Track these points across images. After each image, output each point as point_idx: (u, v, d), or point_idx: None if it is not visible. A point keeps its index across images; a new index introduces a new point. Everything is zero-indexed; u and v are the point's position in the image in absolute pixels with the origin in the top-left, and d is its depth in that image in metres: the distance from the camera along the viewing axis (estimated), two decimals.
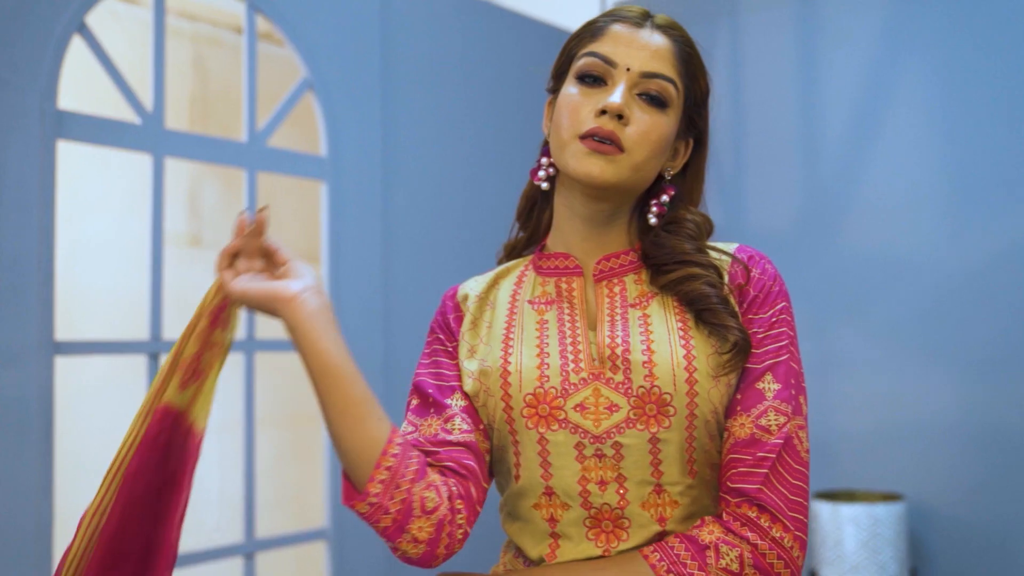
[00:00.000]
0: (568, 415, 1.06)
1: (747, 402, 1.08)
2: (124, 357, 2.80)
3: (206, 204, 3.36)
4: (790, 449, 1.06)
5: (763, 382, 1.08)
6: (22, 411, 1.94)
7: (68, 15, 2.07)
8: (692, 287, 1.10)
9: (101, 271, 3.03)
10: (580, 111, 1.08)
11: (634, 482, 1.06)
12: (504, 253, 1.28)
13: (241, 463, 2.40)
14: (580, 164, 1.07)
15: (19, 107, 1.97)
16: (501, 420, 1.09)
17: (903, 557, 2.63)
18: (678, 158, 1.18)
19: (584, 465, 1.06)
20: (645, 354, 1.07)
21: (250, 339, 2.40)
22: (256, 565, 2.39)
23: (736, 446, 1.07)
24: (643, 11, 1.15)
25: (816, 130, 3.07)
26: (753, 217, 3.20)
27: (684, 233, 1.14)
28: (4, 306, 1.93)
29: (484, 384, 1.10)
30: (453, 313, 1.19)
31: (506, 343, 1.12)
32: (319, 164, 2.57)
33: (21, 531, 1.93)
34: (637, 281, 1.15)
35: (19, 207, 1.96)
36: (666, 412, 1.05)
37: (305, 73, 2.54)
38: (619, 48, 1.10)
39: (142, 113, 2.21)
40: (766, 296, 1.12)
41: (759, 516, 1.03)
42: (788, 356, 1.10)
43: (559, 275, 1.16)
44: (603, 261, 1.15)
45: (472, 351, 1.14)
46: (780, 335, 1.10)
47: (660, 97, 1.09)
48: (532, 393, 1.07)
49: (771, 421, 1.06)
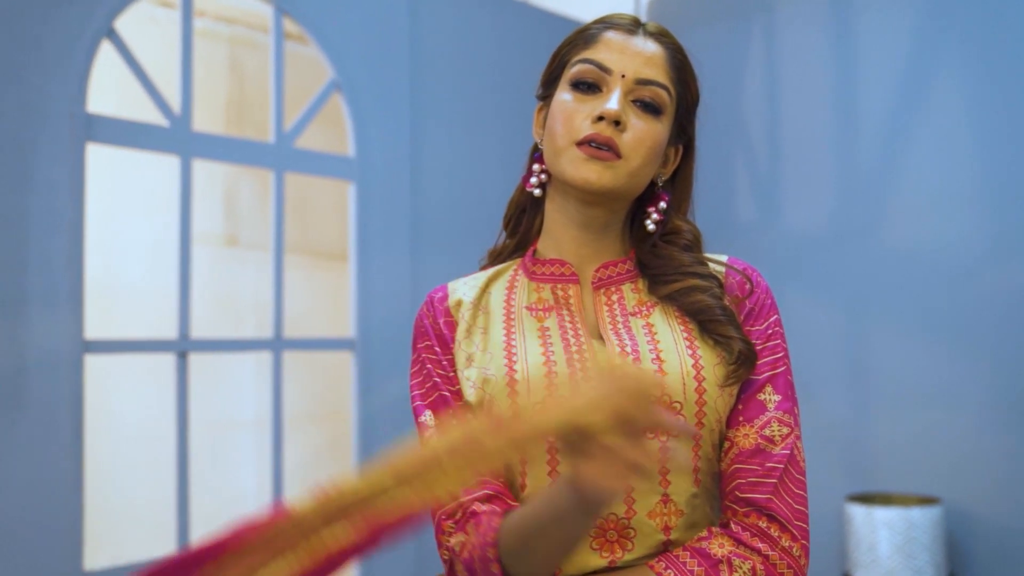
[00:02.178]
0: None
1: (749, 413, 1.09)
2: (155, 356, 2.85)
3: (242, 204, 3.41)
4: (792, 460, 1.08)
5: (764, 393, 1.09)
6: (53, 408, 1.99)
7: (97, 20, 2.11)
8: (695, 299, 1.10)
9: (139, 271, 3.09)
10: (575, 117, 1.08)
11: (642, 492, 1.05)
12: (488, 259, 1.27)
13: (280, 460, 2.43)
14: (578, 170, 1.07)
15: (49, 111, 2.02)
16: None
17: (940, 562, 2.57)
18: (668, 165, 1.18)
19: None
20: (655, 363, 1.06)
21: (278, 338, 2.42)
22: None
23: (740, 456, 1.07)
24: (634, 18, 1.15)
25: (852, 126, 3.02)
26: (788, 215, 3.15)
27: (681, 243, 1.15)
28: (35, 306, 1.97)
29: (488, 393, 1.08)
30: (444, 318, 1.16)
31: (509, 351, 1.10)
32: (347, 164, 2.59)
33: (52, 526, 1.97)
34: (634, 290, 1.15)
35: (50, 209, 2.01)
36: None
37: (332, 74, 2.56)
38: (613, 55, 1.10)
39: (170, 116, 2.24)
40: (761, 308, 1.14)
41: (769, 526, 1.04)
42: (785, 368, 1.12)
43: (555, 281, 1.16)
44: (602, 269, 1.15)
45: (470, 359, 1.12)
46: (776, 347, 1.12)
47: (655, 103, 1.10)
48: (541, 402, 1.06)
49: (775, 432, 1.07)
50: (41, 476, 1.96)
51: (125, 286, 3.08)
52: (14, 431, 1.93)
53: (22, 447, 1.94)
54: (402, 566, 2.62)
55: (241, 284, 3.35)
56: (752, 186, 3.25)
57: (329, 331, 3.29)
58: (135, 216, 3.13)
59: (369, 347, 2.58)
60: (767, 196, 3.21)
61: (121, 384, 3.02)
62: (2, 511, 1.90)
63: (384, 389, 2.59)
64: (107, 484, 2.98)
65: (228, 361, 3.29)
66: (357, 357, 2.57)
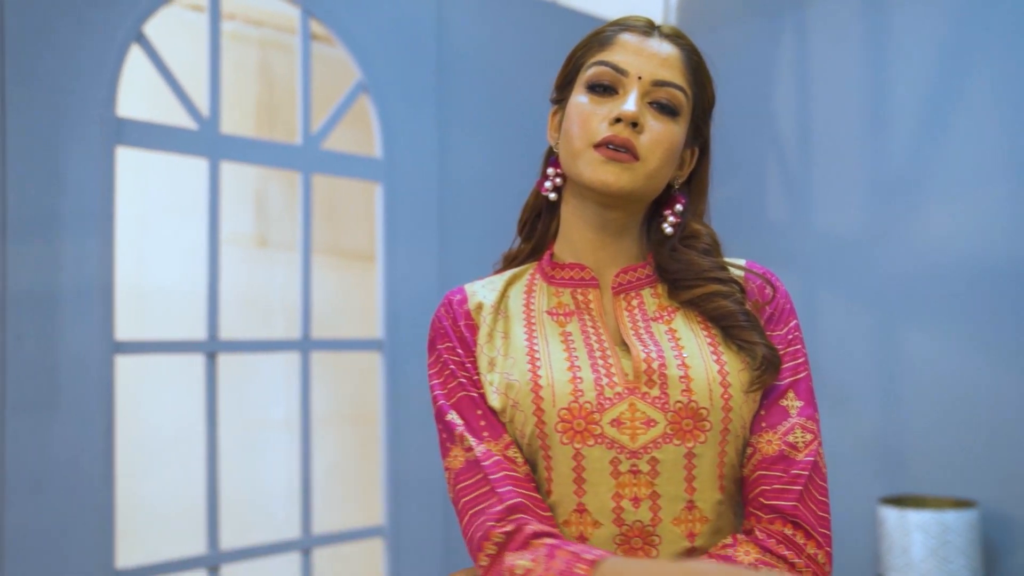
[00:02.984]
0: (604, 430, 1.04)
1: (772, 419, 1.08)
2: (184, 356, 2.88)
3: (272, 205, 3.43)
4: (816, 467, 1.08)
5: (786, 399, 1.09)
6: (84, 409, 2.01)
7: (126, 25, 2.13)
8: (718, 304, 1.10)
9: (171, 272, 3.12)
10: (592, 120, 1.08)
11: (668, 498, 1.05)
12: (503, 263, 1.27)
13: (308, 459, 2.44)
14: (595, 172, 1.07)
15: (80, 115, 2.04)
16: (532, 435, 1.06)
17: (976, 567, 2.53)
18: (685, 167, 1.18)
19: (619, 481, 1.04)
20: (680, 368, 1.06)
21: (306, 338, 2.44)
22: (313, 561, 2.43)
23: (764, 463, 1.07)
24: (649, 21, 1.14)
25: (884, 126, 2.97)
26: (820, 216, 3.11)
27: (700, 248, 1.14)
28: (67, 307, 2.00)
29: (512, 399, 1.07)
30: (465, 321, 1.14)
31: (532, 356, 1.09)
32: (374, 166, 2.60)
33: (84, 525, 1.99)
34: (654, 295, 1.15)
35: (80, 212, 2.03)
36: (702, 427, 1.05)
37: (359, 76, 2.57)
38: (629, 57, 1.10)
39: (198, 119, 2.26)
40: (781, 313, 1.14)
41: (794, 533, 1.04)
42: (806, 373, 1.12)
43: (574, 286, 1.15)
44: (621, 274, 1.15)
45: (492, 364, 1.11)
46: (797, 352, 1.12)
47: (671, 105, 1.10)
48: (567, 408, 1.05)
49: (798, 438, 1.07)
50: (73, 475, 1.99)
51: (157, 287, 3.11)
52: (46, 431, 1.96)
53: (54, 446, 1.97)
54: (430, 557, 2.62)
55: (271, 284, 3.37)
56: (783, 186, 3.21)
57: (359, 331, 3.30)
58: (167, 218, 3.16)
59: (397, 347, 2.59)
60: (798, 197, 3.17)
61: (155, 384, 3.06)
62: (35, 510, 1.93)
63: (412, 389, 2.60)
64: (141, 484, 3.02)
65: (259, 361, 3.31)
66: (385, 357, 2.58)
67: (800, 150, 3.17)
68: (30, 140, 1.97)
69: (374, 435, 3.36)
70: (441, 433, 1.10)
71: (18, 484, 1.92)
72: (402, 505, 2.57)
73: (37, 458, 1.94)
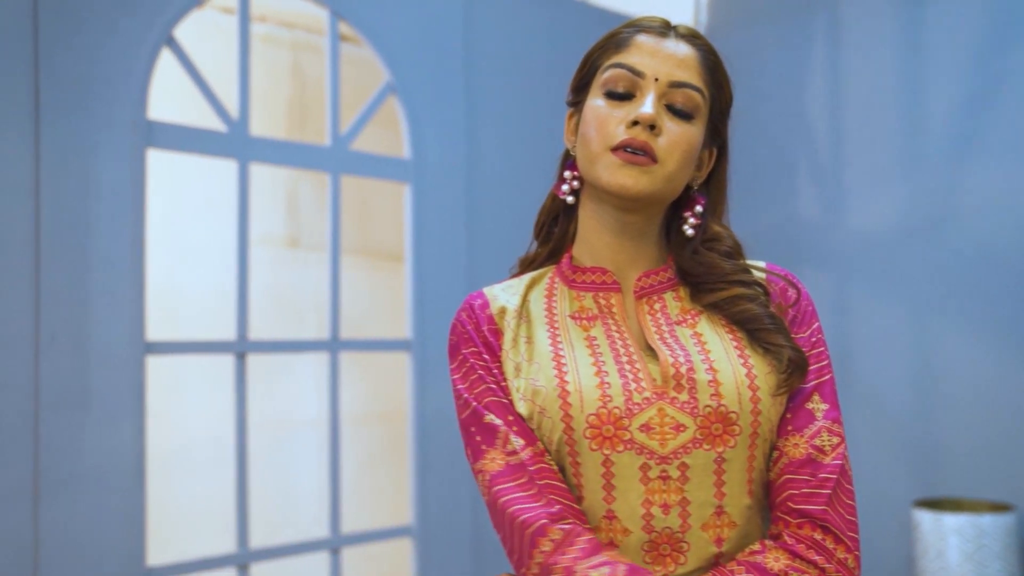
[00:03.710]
0: (634, 436, 1.03)
1: (799, 422, 1.08)
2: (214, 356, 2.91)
3: (303, 206, 3.46)
4: (843, 470, 1.07)
5: (812, 402, 1.09)
6: (116, 408, 2.04)
7: (157, 30, 2.16)
8: (743, 307, 1.10)
9: (203, 273, 3.15)
10: (609, 123, 1.08)
11: (697, 504, 1.04)
12: (519, 267, 1.26)
13: (337, 459, 2.46)
14: (614, 176, 1.06)
15: (111, 118, 2.07)
16: (560, 442, 1.05)
17: (1013, 572, 2.48)
18: (703, 168, 1.17)
19: (648, 487, 1.04)
20: (709, 373, 1.06)
21: (334, 339, 2.45)
22: (342, 560, 2.44)
23: (791, 466, 1.07)
24: (665, 21, 1.13)
25: (919, 122, 2.93)
26: (853, 214, 3.07)
27: (723, 250, 1.14)
28: (98, 308, 2.03)
29: (539, 405, 1.06)
30: (488, 326, 1.13)
31: (558, 361, 1.08)
32: (403, 166, 2.61)
33: (115, 523, 2.02)
34: (676, 298, 1.14)
35: (112, 213, 2.06)
36: (732, 431, 1.05)
37: (387, 76, 2.58)
38: (645, 58, 1.09)
39: (228, 121, 2.28)
40: (804, 316, 1.13)
41: (824, 538, 1.03)
42: (830, 376, 1.11)
43: (596, 290, 1.14)
44: (643, 277, 1.14)
45: (518, 369, 1.10)
46: (820, 355, 1.12)
47: (689, 106, 1.09)
48: (595, 414, 1.04)
49: (825, 442, 1.07)
50: (105, 474, 2.02)
51: (190, 288, 3.15)
52: (79, 430, 1.99)
53: (86, 445, 2.00)
54: (459, 557, 2.63)
55: (303, 285, 3.39)
56: (816, 184, 3.17)
57: (391, 331, 3.32)
58: (200, 220, 3.20)
59: (425, 347, 2.60)
60: (831, 195, 3.13)
61: (190, 384, 3.09)
62: (68, 508, 1.96)
63: (440, 389, 2.60)
64: (176, 483, 3.06)
65: (291, 360, 3.34)
66: (413, 357, 2.59)
67: (833, 147, 3.13)
68: (63, 143, 2.00)
69: (401, 434, 3.38)
70: (474, 436, 1.08)
71: (52, 482, 1.95)
72: (431, 505, 2.58)
73: (70, 457, 1.97)
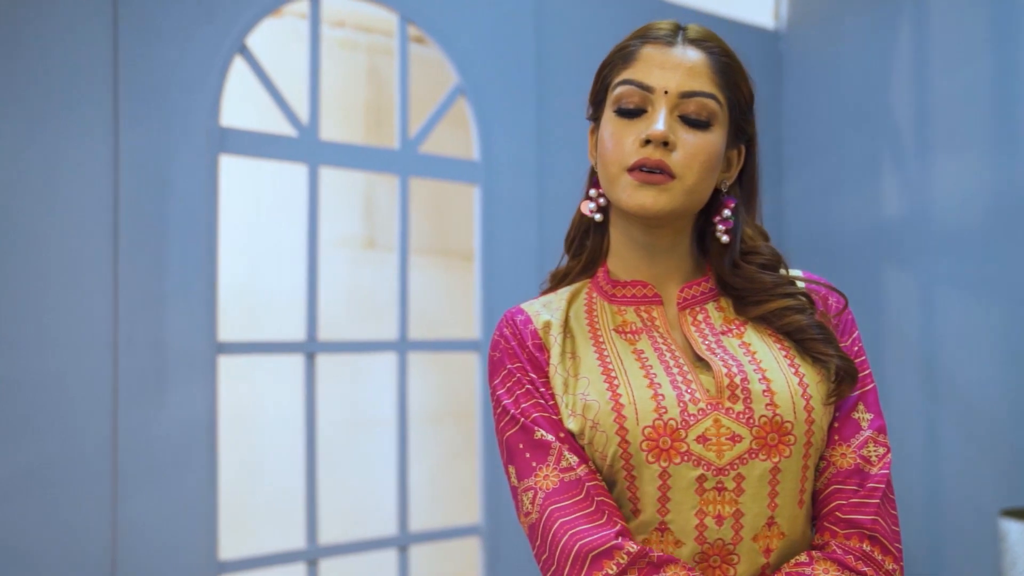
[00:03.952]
0: (690, 447, 1.03)
1: (845, 432, 1.08)
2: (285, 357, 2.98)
3: (380, 208, 3.51)
4: (889, 481, 1.08)
5: (857, 412, 1.09)
6: (190, 406, 2.11)
7: (230, 39, 2.22)
8: (791, 319, 1.10)
9: (283, 275, 3.23)
10: (624, 142, 1.07)
11: (751, 515, 1.04)
12: (551, 281, 1.26)
13: (411, 457, 2.49)
14: (632, 197, 1.06)
15: (185, 126, 2.14)
16: (615, 456, 1.04)
17: None
18: (732, 168, 1.15)
19: (703, 498, 1.03)
20: (762, 383, 1.05)
21: (403, 339, 2.48)
22: (410, 558, 2.47)
23: (839, 476, 1.07)
24: (673, 25, 1.11)
25: (1010, 116, 2.80)
26: (939, 211, 2.96)
27: (762, 262, 1.14)
28: (173, 309, 2.10)
29: (591, 420, 1.05)
30: (533, 340, 1.11)
31: (608, 375, 1.08)
32: (472, 168, 2.63)
33: (189, 518, 2.09)
34: (718, 308, 1.14)
35: (186, 217, 2.13)
36: (787, 441, 1.04)
37: (457, 79, 2.60)
38: (653, 71, 1.07)
39: (298, 126, 2.34)
40: (846, 325, 1.14)
41: (872, 549, 1.03)
42: (872, 385, 1.11)
43: (638, 303, 1.14)
44: (685, 289, 1.14)
45: (567, 385, 1.09)
46: (863, 364, 1.12)
47: (704, 114, 1.07)
48: (651, 426, 1.03)
49: (871, 452, 1.07)
50: (179, 470, 2.09)
51: (272, 290, 3.23)
52: (155, 427, 2.06)
53: (161, 443, 2.07)
54: (526, 557, 2.63)
55: (380, 285, 3.45)
56: (900, 182, 3.07)
57: (467, 332, 3.34)
58: (281, 223, 3.28)
59: None
60: (917, 193, 3.03)
61: (270, 382, 3.18)
62: (143, 503, 2.04)
63: None
64: (253, 479, 3.14)
65: (372, 360, 3.39)
66: (482, 358, 2.60)
67: (919, 142, 3.02)
68: (140, 150, 2.08)
69: (472, 433, 3.40)
70: (523, 452, 1.06)
71: (130, 478, 2.03)
72: (499, 504, 2.59)
73: (146, 454, 2.05)
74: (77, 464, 1.97)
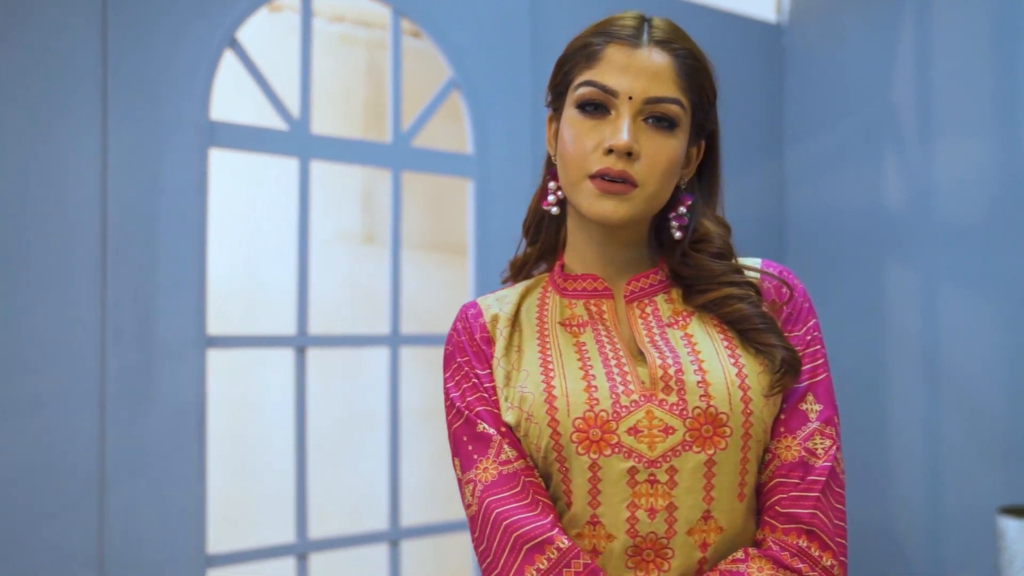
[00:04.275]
0: (621, 439, 1.02)
1: (791, 424, 1.07)
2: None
3: (379, 203, 3.51)
4: (833, 473, 1.05)
5: (805, 403, 1.07)
6: (178, 400, 2.11)
7: (220, 33, 2.22)
8: (734, 308, 1.08)
9: (280, 270, 3.23)
10: (585, 144, 1.05)
11: (685, 508, 1.02)
12: (510, 270, 1.26)
13: (405, 452, 2.48)
14: (593, 207, 1.05)
15: (175, 119, 2.14)
16: (548, 448, 1.04)
17: None
18: (692, 163, 1.14)
19: (635, 491, 1.02)
20: (698, 374, 1.04)
21: (395, 334, 2.48)
22: (401, 553, 2.47)
23: (782, 469, 1.05)
24: (638, 21, 1.10)
25: (1013, 110, 2.77)
26: (941, 205, 2.93)
27: (713, 251, 1.12)
28: (162, 303, 2.10)
29: (526, 411, 1.06)
30: (481, 334, 1.13)
31: (545, 367, 1.08)
32: (466, 162, 2.62)
33: (178, 511, 2.09)
34: (668, 300, 1.13)
35: (175, 211, 2.13)
36: (722, 433, 1.03)
37: (451, 73, 2.59)
38: (617, 75, 1.05)
39: (289, 120, 2.33)
40: (799, 313, 1.11)
41: (809, 545, 1.02)
42: (825, 375, 1.09)
43: (588, 297, 1.13)
44: (633, 282, 1.13)
45: (508, 378, 1.10)
46: (816, 353, 1.10)
47: (666, 120, 1.05)
48: (582, 417, 1.03)
49: (817, 444, 1.05)
50: (167, 463, 2.09)
51: (269, 284, 3.23)
52: (144, 421, 2.06)
53: (150, 436, 2.07)
54: None
55: (379, 280, 3.44)
56: (902, 177, 3.04)
57: None
58: (277, 217, 3.28)
59: None
60: (918, 186, 3.00)
61: (269, 376, 3.18)
62: (131, 498, 2.04)
63: None
64: (253, 474, 3.15)
65: (370, 354, 3.39)
66: None
67: (921, 136, 2.99)
68: (129, 144, 2.08)
69: None
70: (466, 445, 1.08)
71: (118, 471, 2.03)
72: None
73: (134, 447, 2.05)
74: (64, 457, 1.98)
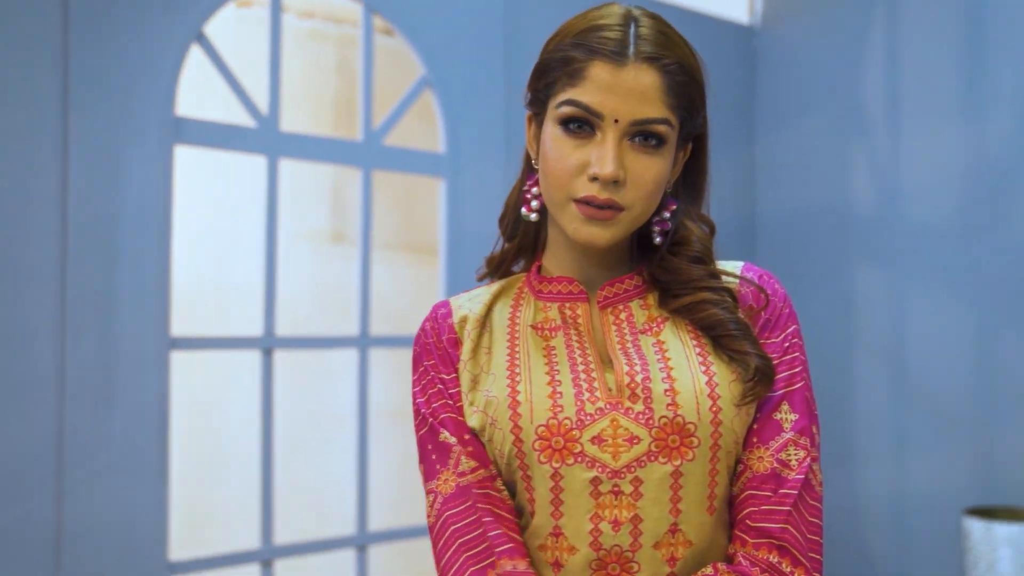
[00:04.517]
0: (584, 448, 0.99)
1: (764, 434, 1.02)
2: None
3: (348, 201, 3.47)
4: (807, 485, 1.00)
5: (780, 412, 1.03)
6: (141, 403, 2.06)
7: (186, 26, 2.17)
8: (708, 313, 1.04)
9: (248, 269, 3.18)
10: (568, 164, 1.00)
11: (650, 521, 0.98)
12: (486, 267, 1.22)
13: (374, 455, 2.45)
14: (579, 231, 1.01)
15: (139, 115, 2.09)
16: (511, 455, 1.01)
17: None
18: (676, 166, 1.09)
19: (598, 503, 0.98)
20: (666, 382, 1.00)
21: (364, 335, 2.44)
22: (368, 558, 2.44)
23: (754, 481, 1.01)
24: (623, 33, 1.00)
25: (981, 110, 2.79)
26: (910, 208, 2.94)
27: (691, 255, 1.08)
28: (124, 304, 2.05)
29: (490, 416, 1.02)
30: (448, 335, 1.09)
31: (512, 371, 1.04)
32: (437, 161, 2.58)
33: (139, 518, 2.05)
34: (643, 306, 1.08)
35: (139, 209, 2.08)
36: (690, 443, 0.99)
37: (423, 71, 2.56)
38: (602, 96, 0.98)
39: (257, 116, 2.29)
40: (777, 319, 1.07)
41: (780, 560, 0.97)
42: (803, 383, 1.04)
43: (563, 300, 1.10)
44: (608, 287, 1.09)
45: (475, 382, 1.06)
46: (794, 360, 1.05)
47: (653, 139, 1.00)
48: (545, 424, 1.00)
49: (791, 456, 1.01)
50: (129, 468, 2.04)
51: (237, 284, 3.18)
52: (104, 424, 2.02)
53: (111, 440, 2.02)
54: None
55: (348, 280, 3.40)
56: (871, 176, 3.05)
57: None
58: (246, 216, 3.23)
59: None
60: (887, 187, 3.01)
61: (236, 378, 3.13)
62: (90, 502, 1.99)
63: None
64: (219, 478, 3.09)
65: (338, 355, 3.35)
66: None
67: (890, 139, 3.01)
68: (91, 139, 2.03)
69: None
70: (430, 454, 1.05)
71: (76, 477, 1.98)
72: None
73: (94, 451, 2.00)
74: (19, 461, 1.92)
